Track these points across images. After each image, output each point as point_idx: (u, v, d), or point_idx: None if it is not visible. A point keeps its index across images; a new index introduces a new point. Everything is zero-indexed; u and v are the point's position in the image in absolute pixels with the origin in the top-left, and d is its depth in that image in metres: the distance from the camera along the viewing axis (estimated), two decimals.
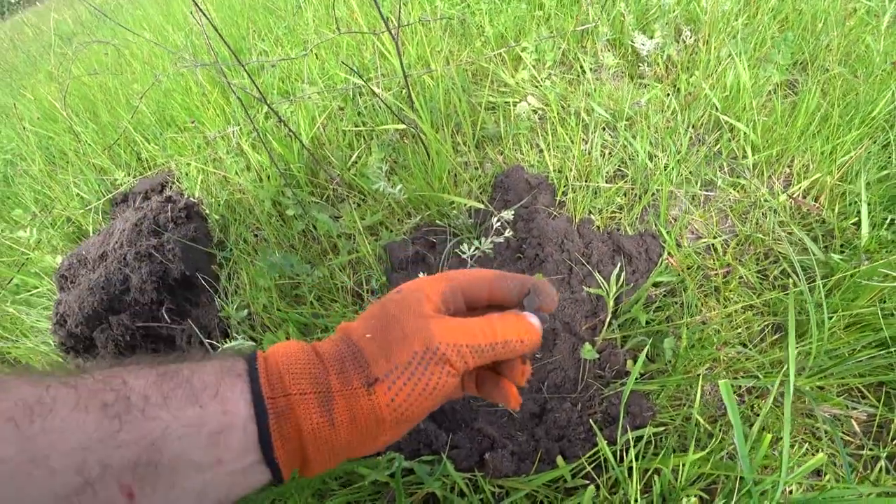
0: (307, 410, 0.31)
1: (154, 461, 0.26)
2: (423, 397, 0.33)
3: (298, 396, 0.31)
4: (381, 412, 0.32)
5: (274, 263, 1.05)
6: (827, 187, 1.04)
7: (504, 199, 1.08)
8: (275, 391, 0.31)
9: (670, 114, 1.26)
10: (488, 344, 0.35)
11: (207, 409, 0.29)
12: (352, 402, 0.32)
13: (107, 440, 0.26)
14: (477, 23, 1.64)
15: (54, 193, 1.73)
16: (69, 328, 1.09)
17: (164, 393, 0.28)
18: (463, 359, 0.34)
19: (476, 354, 0.34)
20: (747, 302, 0.90)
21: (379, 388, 0.32)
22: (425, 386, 0.33)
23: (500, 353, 0.36)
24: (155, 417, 0.27)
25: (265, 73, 1.73)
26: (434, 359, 0.33)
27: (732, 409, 0.57)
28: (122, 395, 0.27)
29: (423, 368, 0.33)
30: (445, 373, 0.33)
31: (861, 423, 0.76)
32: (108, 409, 0.26)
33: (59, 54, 3.65)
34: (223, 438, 0.29)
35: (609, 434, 0.75)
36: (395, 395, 0.32)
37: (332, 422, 0.31)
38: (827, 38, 1.40)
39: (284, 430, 0.31)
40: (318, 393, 0.32)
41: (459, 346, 0.34)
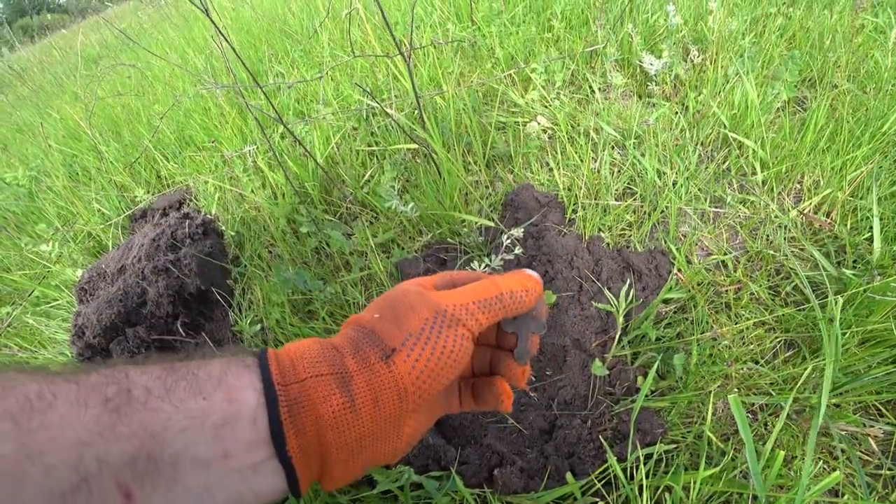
0: (326, 392, 0.29)
1: (154, 456, 0.25)
2: (442, 362, 0.31)
3: (314, 379, 0.29)
4: (403, 382, 0.30)
5: (287, 279, 1.07)
6: (838, 203, 1.04)
7: (514, 217, 1.09)
8: (286, 378, 0.29)
9: (679, 132, 1.27)
10: (495, 296, 0.34)
11: (212, 400, 0.27)
12: (372, 380, 0.30)
13: (105, 433, 0.25)
14: (487, 45, 1.68)
15: (76, 209, 1.79)
16: (87, 339, 1.12)
17: (167, 386, 0.27)
18: (473, 316, 0.33)
19: (485, 309, 0.34)
20: (759, 318, 0.89)
21: (398, 358, 0.30)
22: (443, 349, 0.31)
23: (508, 304, 0.35)
24: (156, 409, 0.26)
25: (282, 94, 1.78)
26: (446, 321, 0.32)
27: (743, 424, 0.57)
28: (123, 388, 0.26)
29: (438, 332, 0.32)
30: (460, 335, 0.32)
31: (879, 441, 0.75)
32: (108, 403, 0.25)
33: (85, 76, 3.79)
34: (229, 430, 0.27)
35: (619, 451, 0.74)
36: (415, 361, 0.30)
37: (353, 404, 0.29)
38: (835, 54, 1.41)
39: (298, 421, 0.28)
40: (336, 374, 0.30)
41: (466, 304, 0.33)
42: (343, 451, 0.29)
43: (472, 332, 0.33)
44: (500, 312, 0.35)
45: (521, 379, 0.39)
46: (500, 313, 0.35)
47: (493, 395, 0.39)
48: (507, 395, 0.38)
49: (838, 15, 1.56)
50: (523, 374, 0.39)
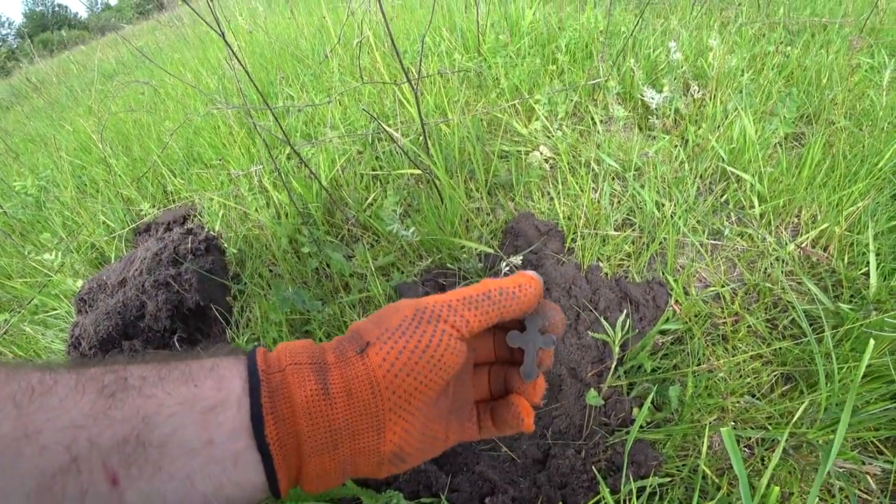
0: (301, 378, 0.29)
1: (143, 440, 0.26)
2: (416, 356, 0.30)
3: (293, 367, 0.30)
4: (375, 374, 0.30)
5: (286, 298, 1.07)
6: (835, 237, 1.05)
7: (514, 244, 1.10)
8: (271, 368, 0.30)
9: (678, 164, 1.29)
10: (481, 293, 0.32)
11: (202, 387, 0.28)
12: (346, 371, 0.30)
13: (99, 417, 0.25)
14: (493, 75, 1.72)
15: (82, 220, 1.81)
16: (83, 350, 1.12)
17: (161, 375, 0.28)
18: (457, 313, 0.31)
19: (470, 305, 0.32)
20: (756, 351, 0.89)
21: (371, 351, 0.30)
22: (418, 343, 0.30)
23: (497, 300, 0.33)
24: (150, 395, 0.27)
25: (290, 116, 1.82)
26: (425, 317, 0.31)
27: (737, 458, 0.57)
28: (120, 376, 0.27)
29: (415, 327, 0.31)
30: (440, 331, 0.31)
31: (877, 480, 0.74)
32: (104, 390, 0.26)
33: (100, 91, 3.88)
34: (215, 416, 0.27)
35: (613, 483, 0.73)
36: (386, 353, 0.30)
37: (326, 392, 0.29)
38: (832, 92, 1.45)
39: (278, 408, 0.28)
40: (314, 364, 0.30)
41: (449, 301, 0.32)
42: (315, 441, 0.29)
43: (457, 329, 0.31)
44: (490, 310, 0.32)
45: (534, 394, 0.37)
46: (491, 311, 0.33)
47: (511, 415, 0.36)
48: (525, 412, 0.36)
49: (835, 54, 1.60)
50: (535, 388, 0.37)
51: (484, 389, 0.40)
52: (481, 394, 0.40)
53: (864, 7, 2.02)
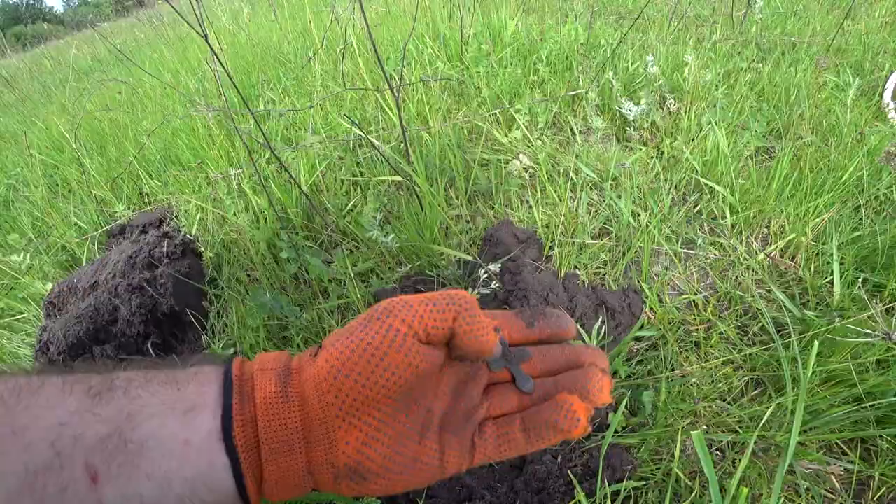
0: (264, 381, 0.30)
1: (125, 438, 0.26)
2: (358, 354, 0.29)
3: (260, 372, 0.30)
4: (319, 376, 0.29)
5: (264, 303, 1.06)
6: (802, 247, 1.09)
7: (493, 252, 1.11)
8: (244, 374, 0.31)
9: (654, 175, 1.32)
10: (443, 294, 0.31)
11: (184, 390, 0.29)
12: (302, 375, 0.30)
13: (83, 413, 0.26)
14: (475, 84, 1.74)
15: (52, 221, 1.76)
16: (51, 356, 1.09)
17: (147, 378, 0.29)
18: (411, 310, 0.30)
19: (428, 302, 0.30)
20: (727, 357, 0.92)
21: (321, 353, 0.30)
22: (360, 340, 0.29)
23: (456, 299, 0.31)
24: (135, 396, 0.27)
25: (271, 119, 1.81)
26: (376, 314, 0.30)
27: (707, 461, 0.58)
28: (107, 378, 0.28)
29: (364, 325, 0.30)
30: (387, 325, 0.29)
31: (840, 479, 0.77)
32: (91, 390, 0.27)
33: (75, 88, 3.78)
34: (193, 418, 0.28)
35: (588, 487, 0.74)
36: (330, 354, 0.29)
37: (286, 395, 0.29)
38: (800, 108, 1.50)
39: (246, 411, 0.29)
40: (279, 370, 0.31)
41: (407, 299, 0.31)
42: (272, 443, 0.29)
43: (410, 325, 0.29)
44: (447, 308, 0.30)
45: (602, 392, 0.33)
46: (447, 309, 0.30)
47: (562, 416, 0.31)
48: (581, 410, 0.31)
49: (803, 72, 1.67)
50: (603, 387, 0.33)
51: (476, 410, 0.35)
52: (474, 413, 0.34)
53: (830, 28, 2.11)
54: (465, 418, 0.34)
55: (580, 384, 0.33)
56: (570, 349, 0.36)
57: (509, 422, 0.33)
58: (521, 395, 0.35)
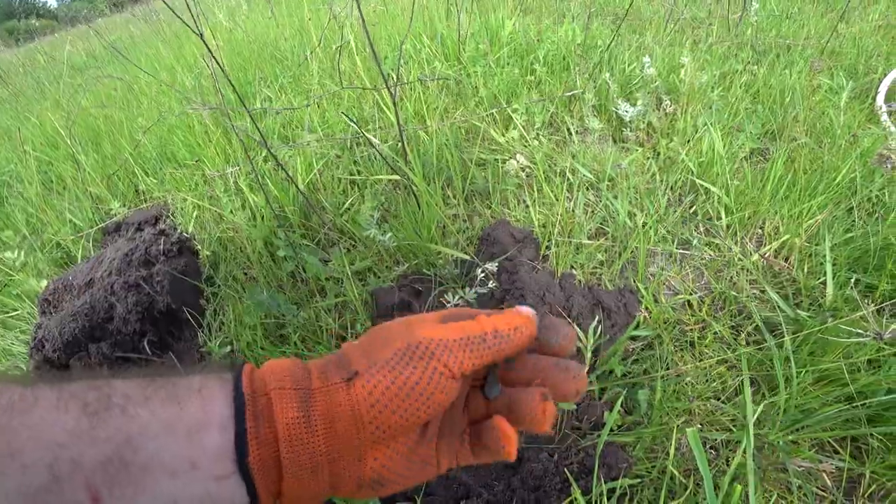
0: (284, 404, 0.29)
1: (126, 461, 0.25)
2: (404, 393, 0.29)
3: (277, 391, 0.30)
4: (359, 406, 0.29)
5: (261, 302, 1.06)
6: (796, 248, 1.10)
7: (490, 251, 1.12)
8: (256, 391, 0.30)
9: (650, 176, 1.33)
10: (478, 335, 0.32)
11: (187, 408, 0.28)
12: (329, 398, 0.30)
13: (82, 436, 0.25)
14: (472, 84, 1.74)
15: (47, 218, 1.75)
16: (46, 353, 1.08)
17: (146, 394, 0.28)
18: (451, 353, 0.31)
19: (465, 347, 0.31)
20: (721, 357, 0.93)
21: (357, 382, 0.30)
22: (406, 379, 0.30)
23: (492, 343, 0.32)
24: (134, 416, 0.26)
25: (268, 117, 1.80)
26: (417, 353, 0.31)
27: (701, 458, 0.59)
28: (103, 393, 0.27)
29: (406, 363, 0.30)
30: (430, 368, 0.30)
31: (832, 477, 0.78)
32: (87, 408, 0.26)
33: (69, 84, 3.75)
34: (199, 439, 0.27)
35: (584, 485, 0.75)
36: (373, 387, 0.29)
37: (308, 420, 0.29)
38: (794, 110, 1.52)
39: (262, 433, 0.28)
40: (298, 389, 0.30)
41: (445, 339, 0.31)
42: (295, 466, 0.29)
43: (450, 369, 0.31)
44: (484, 353, 0.32)
45: (543, 419, 0.32)
46: (485, 354, 0.32)
47: (492, 440, 0.33)
48: (505, 438, 0.32)
49: (797, 75, 1.69)
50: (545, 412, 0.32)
51: (461, 417, 0.37)
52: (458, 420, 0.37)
53: (824, 31, 2.12)
54: (454, 424, 0.35)
55: (524, 406, 0.33)
56: (546, 362, 0.35)
57: (475, 431, 0.35)
58: (487, 401, 0.36)
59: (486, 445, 0.33)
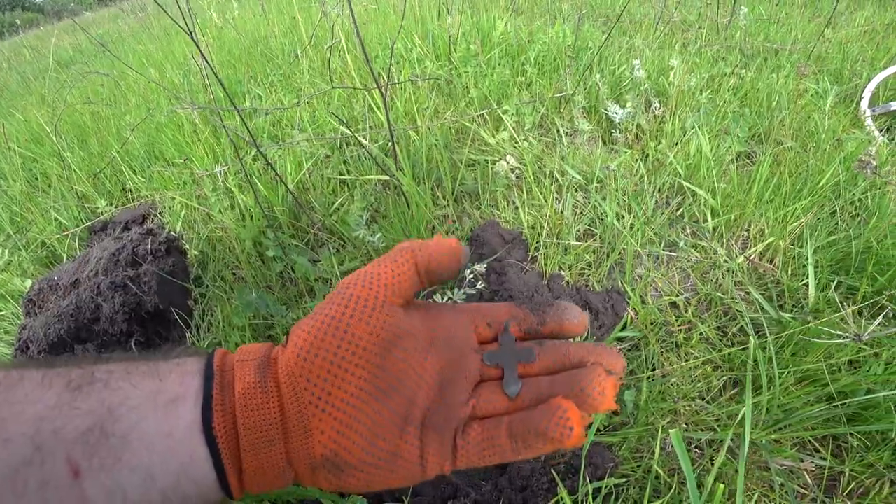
0: (242, 372, 0.29)
1: (107, 431, 0.26)
2: (322, 331, 0.28)
3: (240, 363, 0.30)
4: (289, 361, 0.28)
5: (250, 302, 1.06)
6: (780, 250, 1.12)
7: (479, 252, 1.12)
8: (225, 365, 0.30)
9: (638, 178, 1.34)
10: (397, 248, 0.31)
11: (166, 381, 0.28)
12: (279, 366, 0.29)
13: (63, 408, 0.25)
14: (463, 84, 1.75)
15: (32, 216, 1.72)
16: (31, 354, 1.07)
17: (128, 370, 0.28)
18: (366, 274, 0.30)
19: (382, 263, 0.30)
20: (707, 357, 0.94)
21: (290, 338, 0.30)
22: (325, 316, 0.29)
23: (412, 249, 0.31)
24: (116, 388, 0.27)
25: (258, 116, 1.79)
26: (337, 290, 0.30)
27: (684, 458, 0.60)
28: (87, 371, 0.27)
29: (326, 303, 0.30)
30: (346, 296, 0.29)
31: (813, 476, 0.79)
32: (70, 384, 0.26)
33: (55, 79, 3.70)
34: (174, 409, 0.27)
35: (571, 485, 0.76)
36: (297, 335, 0.29)
37: (264, 385, 0.28)
38: (781, 114, 1.54)
39: (226, 401, 0.28)
40: (260, 360, 0.30)
41: (364, 268, 0.30)
42: (251, 435, 0.28)
43: (370, 289, 0.29)
44: (404, 257, 0.30)
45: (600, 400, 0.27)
46: (404, 257, 0.30)
47: (553, 423, 0.27)
48: (575, 419, 0.27)
49: (784, 79, 1.71)
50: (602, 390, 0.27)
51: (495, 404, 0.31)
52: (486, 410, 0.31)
53: (811, 36, 2.16)
54: (450, 414, 0.31)
55: (579, 386, 0.28)
56: (575, 346, 0.31)
57: (496, 425, 0.30)
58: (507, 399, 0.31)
59: (542, 432, 0.27)
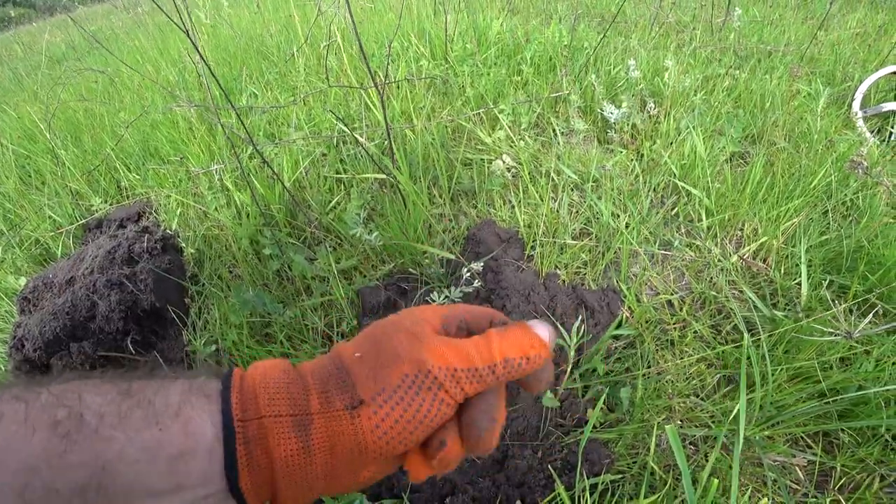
0: (280, 435, 0.28)
1: (105, 487, 0.24)
2: (413, 425, 0.29)
3: (272, 419, 0.28)
4: (365, 438, 0.29)
5: (247, 300, 1.06)
6: (773, 250, 1.13)
7: (475, 251, 1.13)
8: (247, 413, 0.28)
9: (633, 178, 1.35)
10: (486, 366, 0.31)
11: (168, 432, 0.26)
12: (332, 425, 0.29)
13: (54, 461, 0.23)
14: (459, 83, 1.75)
15: (25, 213, 1.71)
16: (26, 352, 1.06)
17: (121, 412, 0.26)
18: (458, 384, 0.30)
19: (473, 379, 0.30)
20: (701, 355, 0.95)
21: (364, 412, 0.29)
22: (415, 412, 0.29)
23: (501, 374, 0.31)
24: (109, 438, 0.25)
25: (254, 114, 1.79)
26: (426, 383, 0.30)
27: (679, 454, 0.61)
28: (74, 412, 0.25)
29: (414, 393, 0.30)
30: (438, 399, 0.30)
31: (805, 471, 0.80)
32: (58, 427, 0.24)
33: (47, 76, 3.66)
34: (184, 464, 0.26)
35: (568, 481, 0.77)
36: (381, 419, 0.29)
37: (307, 448, 0.29)
38: (774, 115, 1.56)
39: (254, 457, 0.28)
40: (296, 416, 0.29)
41: (454, 369, 0.30)
42: (292, 489, 0.29)
43: (454, 399, 0.30)
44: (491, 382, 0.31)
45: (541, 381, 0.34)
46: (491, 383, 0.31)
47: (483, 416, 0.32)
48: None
49: (777, 80, 1.73)
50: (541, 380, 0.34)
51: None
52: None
53: (804, 38, 2.18)
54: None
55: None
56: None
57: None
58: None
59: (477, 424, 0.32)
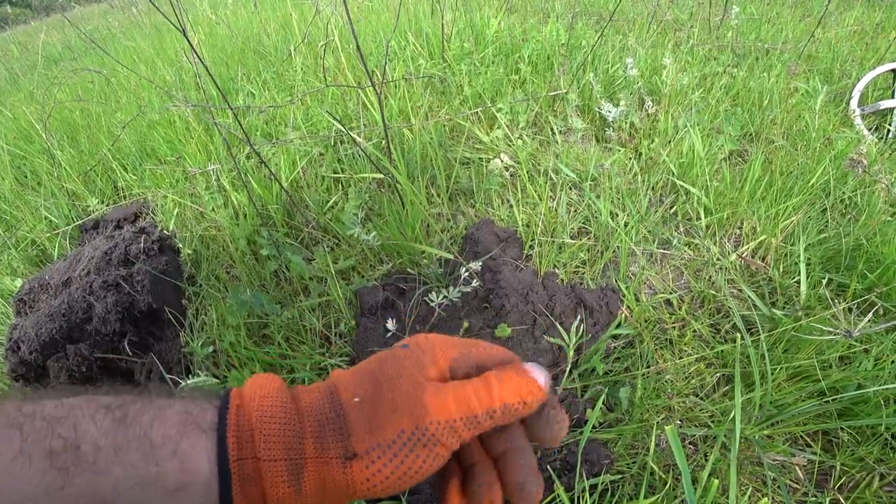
0: (274, 479, 0.29)
1: None
2: (405, 479, 0.30)
3: (268, 463, 0.29)
4: (355, 487, 0.30)
5: (244, 301, 1.05)
6: (772, 248, 1.13)
7: (474, 250, 1.12)
8: (243, 452, 0.29)
9: (632, 176, 1.35)
10: (485, 411, 0.31)
11: (165, 468, 0.27)
12: (324, 470, 0.30)
13: (52, 494, 0.24)
14: (457, 82, 1.74)
15: (21, 214, 1.70)
16: (22, 355, 1.05)
17: (117, 444, 0.27)
18: (456, 434, 0.30)
19: (471, 426, 0.31)
20: (700, 354, 0.95)
21: (356, 465, 0.30)
22: (408, 469, 0.30)
23: (498, 419, 0.32)
24: (106, 472, 0.26)
25: (251, 114, 1.78)
26: (423, 440, 0.30)
27: (679, 454, 0.60)
28: (70, 443, 0.26)
29: (409, 450, 0.30)
30: (433, 455, 0.30)
31: (804, 470, 0.80)
32: (54, 459, 0.25)
33: (44, 76, 3.65)
34: (181, 497, 0.27)
35: (567, 481, 0.76)
36: (372, 474, 0.30)
37: (299, 491, 0.29)
38: (772, 113, 1.55)
39: (249, 494, 0.29)
40: (290, 460, 0.30)
41: (453, 421, 0.30)
42: None
43: (450, 450, 0.31)
44: (488, 427, 0.32)
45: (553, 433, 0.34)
46: (488, 428, 0.32)
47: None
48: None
49: (775, 78, 1.72)
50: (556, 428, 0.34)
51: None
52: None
53: (802, 35, 2.18)
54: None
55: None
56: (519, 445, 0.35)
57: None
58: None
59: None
